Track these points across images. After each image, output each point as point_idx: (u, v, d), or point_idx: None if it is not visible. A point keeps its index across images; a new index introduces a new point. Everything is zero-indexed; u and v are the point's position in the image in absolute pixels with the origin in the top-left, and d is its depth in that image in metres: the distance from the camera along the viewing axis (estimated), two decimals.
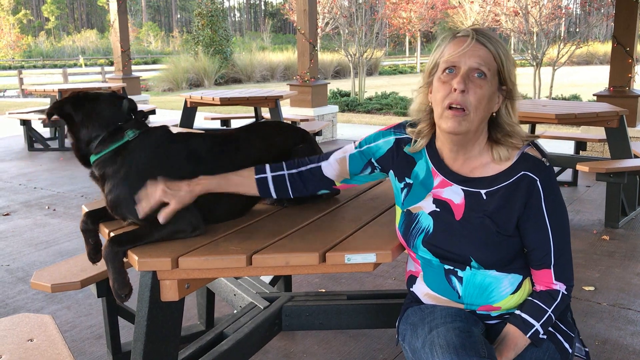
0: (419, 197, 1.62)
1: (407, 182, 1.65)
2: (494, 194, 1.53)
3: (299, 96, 8.46)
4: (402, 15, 20.75)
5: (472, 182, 1.55)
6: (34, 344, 1.77)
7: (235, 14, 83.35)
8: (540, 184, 1.51)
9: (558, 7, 14.03)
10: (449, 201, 1.57)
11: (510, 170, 1.53)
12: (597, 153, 6.90)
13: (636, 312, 3.07)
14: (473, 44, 1.46)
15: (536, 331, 1.51)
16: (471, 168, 1.57)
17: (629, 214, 4.72)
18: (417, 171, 1.64)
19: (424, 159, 1.64)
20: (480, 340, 1.46)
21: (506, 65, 1.48)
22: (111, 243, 1.62)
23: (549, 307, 1.53)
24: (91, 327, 2.96)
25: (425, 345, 1.46)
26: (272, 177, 1.72)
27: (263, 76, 23.64)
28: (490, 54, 1.46)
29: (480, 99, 1.45)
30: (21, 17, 52.45)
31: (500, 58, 1.47)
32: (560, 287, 1.55)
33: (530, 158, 1.53)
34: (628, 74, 6.76)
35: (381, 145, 1.69)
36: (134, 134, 1.77)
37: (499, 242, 1.52)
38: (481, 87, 1.45)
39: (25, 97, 17.61)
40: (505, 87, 1.51)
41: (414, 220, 1.61)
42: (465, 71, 1.45)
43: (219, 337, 2.13)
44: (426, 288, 1.64)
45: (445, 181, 1.58)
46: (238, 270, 1.63)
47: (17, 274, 3.69)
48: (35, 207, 5.28)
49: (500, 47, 1.47)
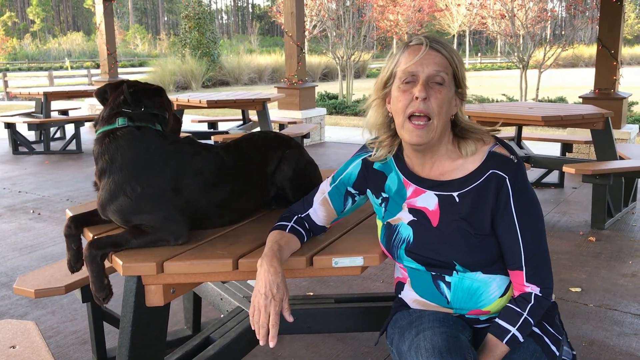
0: (396, 209, 1.62)
1: (384, 197, 1.66)
2: (466, 195, 1.52)
3: (286, 99, 8.45)
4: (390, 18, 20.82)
5: (444, 186, 1.55)
6: (16, 351, 1.74)
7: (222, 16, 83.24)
8: (509, 182, 1.50)
9: (544, 10, 14.16)
10: (423, 209, 1.57)
11: (480, 170, 1.53)
12: (583, 155, 6.95)
13: (622, 313, 3.09)
14: (428, 51, 1.48)
15: (513, 336, 1.49)
16: (440, 172, 1.57)
17: (615, 215, 4.75)
18: (389, 184, 1.64)
19: (394, 172, 1.64)
20: (466, 344, 1.45)
21: (460, 69, 1.52)
22: (90, 245, 1.61)
23: (523, 310, 1.51)
24: (76, 333, 2.92)
25: (411, 349, 1.46)
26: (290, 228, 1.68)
27: (251, 79, 23.61)
28: (445, 60, 1.49)
29: (441, 104, 1.47)
30: (6, 19, 52.03)
31: (455, 62, 1.50)
32: (533, 289, 1.52)
33: (498, 156, 1.53)
34: (613, 77, 6.82)
35: (351, 171, 1.71)
36: (124, 122, 1.75)
37: (478, 244, 1.51)
38: (441, 93, 1.47)
39: (10, 100, 17.45)
40: (461, 89, 1.55)
41: (394, 231, 1.61)
42: (424, 79, 1.47)
43: (205, 342, 2.11)
44: (414, 294, 1.63)
45: (418, 189, 1.58)
46: (224, 275, 1.62)
47: (0, 279, 3.64)
48: (19, 211, 5.22)
49: (453, 52, 1.51)
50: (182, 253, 1.60)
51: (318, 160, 2.28)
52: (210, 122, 8.15)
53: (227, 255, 1.59)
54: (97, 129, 1.78)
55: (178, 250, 1.62)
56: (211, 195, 1.79)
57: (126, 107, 1.77)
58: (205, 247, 1.65)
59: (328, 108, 12.69)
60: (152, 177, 1.70)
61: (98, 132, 1.77)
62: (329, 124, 10.66)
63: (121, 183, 1.67)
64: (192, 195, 1.74)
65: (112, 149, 1.71)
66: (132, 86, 1.84)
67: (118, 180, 1.68)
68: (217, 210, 1.81)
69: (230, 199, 1.85)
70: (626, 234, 4.44)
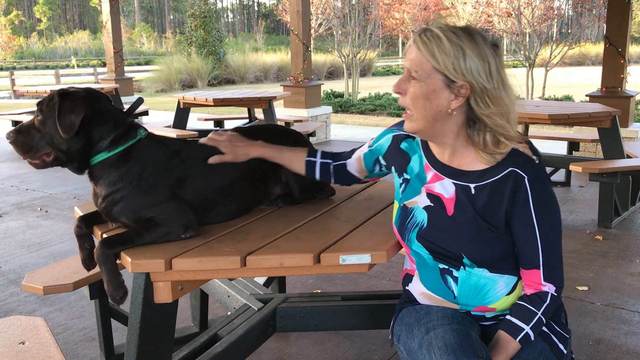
0: (415, 191, 1.63)
1: (405, 178, 1.67)
2: (483, 189, 1.52)
3: (292, 97, 8.45)
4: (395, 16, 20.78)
5: (462, 176, 1.55)
6: (25, 347, 1.75)
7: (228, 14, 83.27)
8: (528, 182, 1.49)
9: (550, 8, 14.09)
10: (440, 195, 1.57)
11: (499, 165, 1.52)
12: (590, 153, 6.92)
13: (630, 312, 3.08)
14: (412, 45, 1.50)
15: (526, 334, 1.50)
16: (459, 162, 1.57)
17: (622, 214, 4.73)
18: (412, 166, 1.66)
19: (417, 154, 1.65)
20: (478, 341, 1.45)
21: (448, 63, 1.43)
22: (102, 245, 1.60)
23: (538, 309, 1.51)
24: (84, 330, 2.94)
25: (422, 347, 1.46)
26: (320, 163, 1.87)
27: (256, 77, 23.61)
28: (420, 55, 1.46)
29: (413, 97, 1.48)
30: (13, 18, 52.22)
31: (435, 57, 1.44)
32: (550, 289, 1.53)
33: (519, 154, 1.52)
34: (620, 75, 6.78)
35: (383, 143, 1.75)
36: (145, 132, 1.76)
37: (489, 239, 1.51)
38: (413, 87, 1.48)
39: (17, 98, 17.52)
40: (461, 82, 1.44)
41: (409, 214, 1.62)
42: (404, 74, 1.52)
43: (212, 339, 2.12)
44: (422, 287, 1.63)
45: (438, 175, 1.59)
46: (232, 272, 1.62)
47: (9, 276, 3.66)
48: (27, 208, 5.24)
49: (438, 46, 1.44)
50: (190, 250, 1.61)
51: None
52: (216, 120, 8.17)
53: (235, 252, 1.59)
54: (110, 150, 1.69)
55: (186, 247, 1.62)
56: (215, 183, 1.80)
57: (126, 116, 1.76)
58: (213, 245, 1.66)
59: (334, 106, 12.70)
60: (164, 168, 1.72)
61: (113, 153, 1.69)
62: (334, 122, 10.66)
63: (145, 183, 1.68)
64: (197, 184, 1.76)
65: (143, 160, 1.70)
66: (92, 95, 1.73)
67: (142, 181, 1.69)
68: (221, 198, 1.82)
69: (234, 186, 1.85)
70: (633, 233, 4.42)
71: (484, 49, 1.46)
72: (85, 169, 1.74)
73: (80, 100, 1.67)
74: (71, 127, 1.63)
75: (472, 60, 1.44)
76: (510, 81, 1.51)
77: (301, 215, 1.90)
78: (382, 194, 2.16)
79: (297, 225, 1.81)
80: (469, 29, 1.48)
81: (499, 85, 1.47)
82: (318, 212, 1.95)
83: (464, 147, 1.55)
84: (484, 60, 1.45)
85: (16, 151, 1.71)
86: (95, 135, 1.69)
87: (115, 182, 1.68)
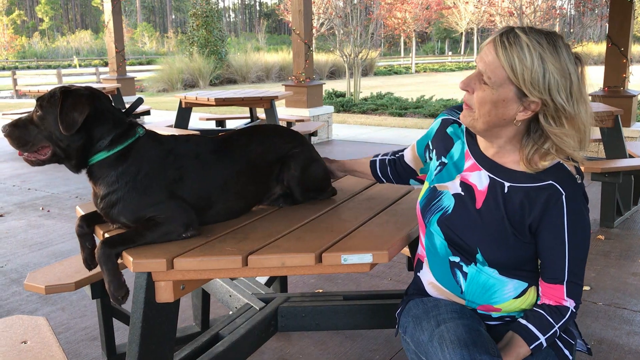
0: (449, 176, 1.63)
1: (443, 161, 1.66)
2: (517, 191, 1.50)
3: (294, 97, 8.45)
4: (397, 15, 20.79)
5: (500, 171, 1.53)
6: (27, 346, 1.75)
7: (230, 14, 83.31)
8: (565, 199, 1.47)
9: (552, 8, 14.09)
10: (473, 186, 1.56)
11: (540, 174, 1.49)
12: (592, 153, 6.92)
13: (632, 312, 3.07)
14: (488, 46, 1.42)
15: (540, 344, 1.50)
16: (503, 159, 1.54)
17: (624, 214, 4.73)
18: (453, 152, 1.65)
19: (461, 141, 1.64)
20: (488, 338, 1.45)
21: (526, 77, 1.36)
22: (103, 245, 1.60)
23: (556, 323, 1.51)
24: (86, 329, 2.94)
25: (433, 339, 1.46)
26: (380, 160, 1.96)
27: (258, 77, 23.62)
28: (497, 61, 1.39)
29: (480, 101, 1.44)
30: (15, 17, 52.28)
31: (513, 68, 1.37)
32: (570, 304, 1.52)
33: (563, 169, 1.49)
34: (622, 74, 6.78)
35: (434, 126, 1.76)
36: (143, 130, 1.75)
37: (510, 244, 1.51)
38: (483, 91, 1.43)
39: (19, 97, 17.54)
40: (535, 99, 1.38)
41: (437, 197, 1.62)
42: (476, 73, 1.47)
43: (214, 339, 2.12)
44: (431, 277, 1.64)
45: (476, 165, 1.57)
46: (234, 271, 1.62)
47: (11, 275, 3.67)
48: (29, 208, 5.25)
49: (519, 56, 1.36)
50: (191, 249, 1.61)
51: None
52: (218, 119, 8.17)
53: (237, 252, 1.59)
54: (109, 149, 1.68)
55: (188, 247, 1.62)
56: (213, 180, 1.80)
57: (125, 116, 1.76)
58: (215, 244, 1.66)
59: (335, 106, 12.69)
60: (162, 167, 1.72)
61: (112, 152, 1.69)
62: (336, 121, 10.66)
63: (146, 181, 1.68)
64: (195, 181, 1.76)
65: (139, 159, 1.70)
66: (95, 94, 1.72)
67: (142, 179, 1.68)
68: (220, 195, 1.81)
69: (232, 183, 1.84)
70: (636, 233, 4.41)
71: (567, 64, 1.38)
72: (82, 167, 1.73)
73: (83, 98, 1.67)
74: (73, 124, 1.63)
75: (553, 76, 1.36)
76: (588, 99, 1.44)
77: (302, 215, 1.90)
78: (383, 195, 2.16)
79: (299, 224, 1.81)
80: (554, 38, 1.40)
81: (578, 104, 1.39)
82: (319, 211, 1.94)
83: (512, 149, 1.52)
84: (566, 77, 1.37)
85: (11, 144, 1.70)
86: (96, 134, 1.69)
87: (113, 182, 1.68)
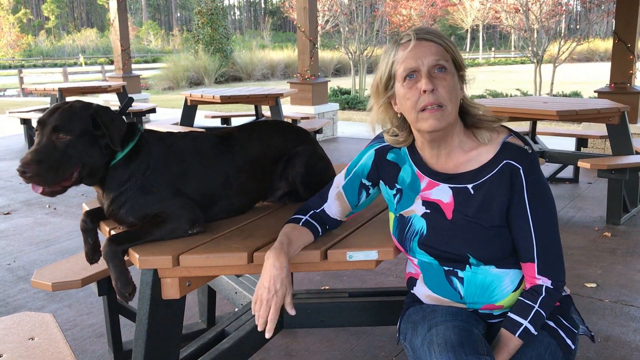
0: (410, 201, 1.61)
1: (398, 188, 1.65)
2: (481, 187, 1.52)
3: (299, 94, 8.45)
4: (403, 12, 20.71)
5: (458, 178, 1.55)
6: (35, 343, 1.76)
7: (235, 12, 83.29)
8: (522, 172, 1.49)
9: (558, 4, 14.01)
10: (438, 202, 1.56)
11: (494, 160, 1.52)
12: (599, 150, 6.89)
13: (638, 309, 3.06)
14: (421, 43, 1.47)
15: (525, 329, 1.48)
16: (455, 164, 1.56)
17: (631, 211, 4.71)
18: (403, 176, 1.64)
19: (407, 163, 1.63)
20: (479, 338, 1.45)
21: (457, 52, 1.52)
22: (110, 242, 1.61)
23: (534, 302, 1.50)
24: (92, 326, 2.95)
25: (424, 344, 1.46)
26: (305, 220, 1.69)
27: (263, 74, 23.63)
28: (441, 47, 1.48)
29: (449, 90, 1.47)
30: (21, 16, 52.44)
31: (450, 47, 1.50)
32: (544, 282, 1.51)
33: (512, 146, 1.52)
34: (629, 71, 6.74)
35: (364, 162, 1.70)
36: (142, 127, 1.77)
37: (492, 236, 1.51)
38: (446, 79, 1.46)
39: (26, 96, 17.62)
40: (462, 72, 1.53)
41: (407, 223, 1.61)
42: (426, 71, 1.45)
43: (220, 335, 2.12)
44: (427, 290, 1.63)
45: (432, 182, 1.58)
46: (239, 268, 1.63)
47: (18, 272, 3.69)
48: (35, 205, 5.27)
49: (445, 38, 1.51)
50: (197, 246, 1.61)
51: (331, 156, 2.28)
52: (223, 117, 8.18)
53: (242, 248, 1.60)
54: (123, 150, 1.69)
55: (194, 244, 1.63)
56: (216, 177, 1.81)
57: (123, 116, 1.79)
58: (221, 241, 1.66)
59: (341, 103, 12.67)
60: (166, 162, 1.73)
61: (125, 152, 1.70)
62: (341, 119, 10.65)
63: (152, 180, 1.69)
64: (199, 178, 1.77)
65: (147, 155, 1.72)
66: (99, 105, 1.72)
67: (148, 178, 1.70)
68: (223, 192, 1.82)
69: (235, 179, 1.85)
70: None
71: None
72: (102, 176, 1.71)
73: (110, 110, 1.70)
74: (121, 138, 1.67)
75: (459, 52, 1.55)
76: None
77: None
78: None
79: None
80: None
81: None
82: None
83: (459, 147, 1.55)
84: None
85: (39, 183, 1.55)
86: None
87: (125, 182, 1.69)
